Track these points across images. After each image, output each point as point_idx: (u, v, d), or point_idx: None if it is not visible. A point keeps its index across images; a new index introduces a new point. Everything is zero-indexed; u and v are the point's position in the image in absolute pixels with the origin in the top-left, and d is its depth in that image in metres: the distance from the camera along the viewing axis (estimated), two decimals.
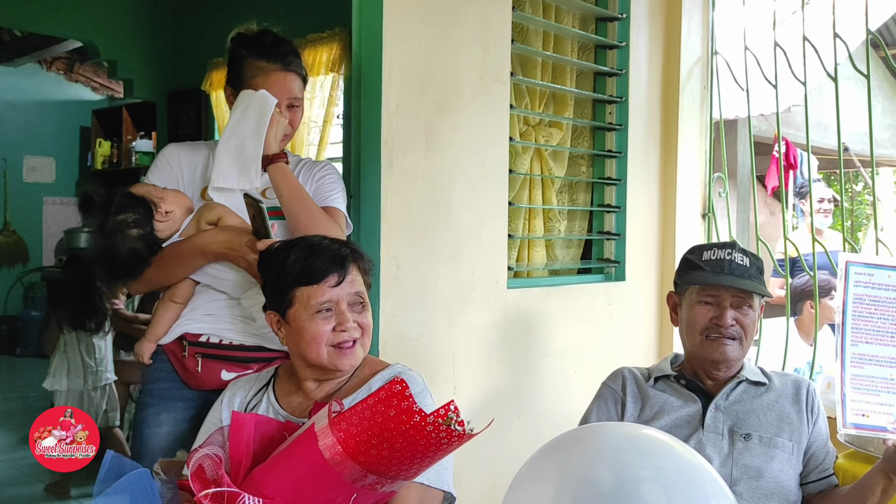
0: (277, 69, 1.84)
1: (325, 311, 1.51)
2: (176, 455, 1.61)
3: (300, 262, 1.52)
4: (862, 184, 9.08)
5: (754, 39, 2.99)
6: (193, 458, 1.41)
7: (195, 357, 1.80)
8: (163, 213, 1.74)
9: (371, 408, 1.17)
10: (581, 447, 0.99)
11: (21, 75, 7.20)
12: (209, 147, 1.95)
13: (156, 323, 1.84)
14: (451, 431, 1.15)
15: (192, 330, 1.82)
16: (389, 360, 2.09)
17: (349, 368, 1.54)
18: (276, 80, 1.83)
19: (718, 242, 2.23)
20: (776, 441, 1.74)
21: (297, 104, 1.88)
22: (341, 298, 1.51)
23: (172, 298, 1.84)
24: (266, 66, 1.83)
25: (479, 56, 2.34)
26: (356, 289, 1.54)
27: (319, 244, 1.55)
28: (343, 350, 1.51)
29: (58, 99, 7.68)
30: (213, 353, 1.80)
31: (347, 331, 1.51)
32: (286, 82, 1.84)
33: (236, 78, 1.87)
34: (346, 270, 1.52)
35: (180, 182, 1.89)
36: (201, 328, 1.82)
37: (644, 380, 1.89)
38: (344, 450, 1.17)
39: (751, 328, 1.80)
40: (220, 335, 1.81)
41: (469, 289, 2.35)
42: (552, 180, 2.78)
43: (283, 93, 1.83)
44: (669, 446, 0.97)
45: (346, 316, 1.51)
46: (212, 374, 1.79)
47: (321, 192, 1.90)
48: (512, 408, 2.51)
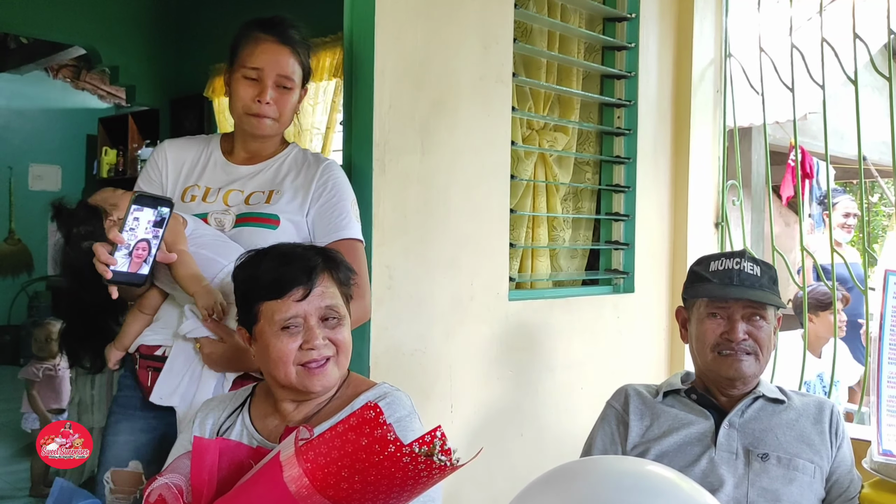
0: (271, 40, 1.72)
1: (291, 328, 1.38)
2: (128, 465, 1.54)
3: (265, 274, 1.40)
4: (878, 194, 8.92)
5: (769, 43, 2.88)
6: (152, 486, 1.29)
7: (146, 370, 1.70)
8: (114, 220, 1.60)
9: (341, 436, 1.04)
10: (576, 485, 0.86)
11: (27, 83, 7.18)
12: (207, 141, 1.86)
13: (123, 331, 1.76)
14: (431, 463, 1.02)
15: (148, 342, 1.72)
16: (381, 375, 1.99)
17: (321, 390, 1.40)
18: (266, 51, 1.71)
19: (727, 252, 2.10)
20: (796, 462, 1.61)
21: (288, 85, 1.74)
22: (309, 313, 1.38)
23: (140, 309, 1.75)
24: (260, 36, 1.73)
25: (479, 55, 2.23)
26: (327, 302, 1.39)
27: (290, 253, 1.43)
28: (311, 370, 1.38)
29: (64, 107, 7.65)
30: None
31: (316, 348, 1.37)
32: (278, 55, 1.72)
33: (232, 54, 1.77)
34: (313, 282, 1.38)
35: (164, 183, 1.80)
36: (157, 340, 1.71)
37: (651, 396, 1.77)
38: (311, 482, 1.04)
39: (766, 342, 1.68)
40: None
41: (468, 300, 2.23)
42: (557, 187, 2.67)
43: (271, 66, 1.71)
44: (676, 485, 0.84)
45: (314, 332, 1.37)
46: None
47: (329, 221, 1.77)
48: (513, 426, 2.39)
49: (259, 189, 1.78)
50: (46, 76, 7.03)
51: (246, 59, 1.72)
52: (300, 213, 1.77)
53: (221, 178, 1.80)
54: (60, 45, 5.76)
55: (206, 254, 1.66)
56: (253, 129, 1.76)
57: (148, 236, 1.50)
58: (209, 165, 1.82)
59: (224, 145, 1.85)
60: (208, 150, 1.84)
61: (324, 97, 4.04)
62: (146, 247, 1.50)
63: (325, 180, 1.79)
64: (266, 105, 1.72)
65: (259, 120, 1.73)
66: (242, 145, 1.82)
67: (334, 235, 1.76)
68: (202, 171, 1.81)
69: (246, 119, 1.75)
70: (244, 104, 1.73)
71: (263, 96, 1.71)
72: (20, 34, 5.87)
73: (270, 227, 1.74)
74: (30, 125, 7.50)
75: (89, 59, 5.39)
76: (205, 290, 1.61)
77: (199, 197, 1.77)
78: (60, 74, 7.03)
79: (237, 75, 1.73)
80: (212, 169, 1.81)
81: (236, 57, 1.75)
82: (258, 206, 1.76)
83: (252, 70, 1.71)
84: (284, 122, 1.78)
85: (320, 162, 1.83)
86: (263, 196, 1.77)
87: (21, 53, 6.45)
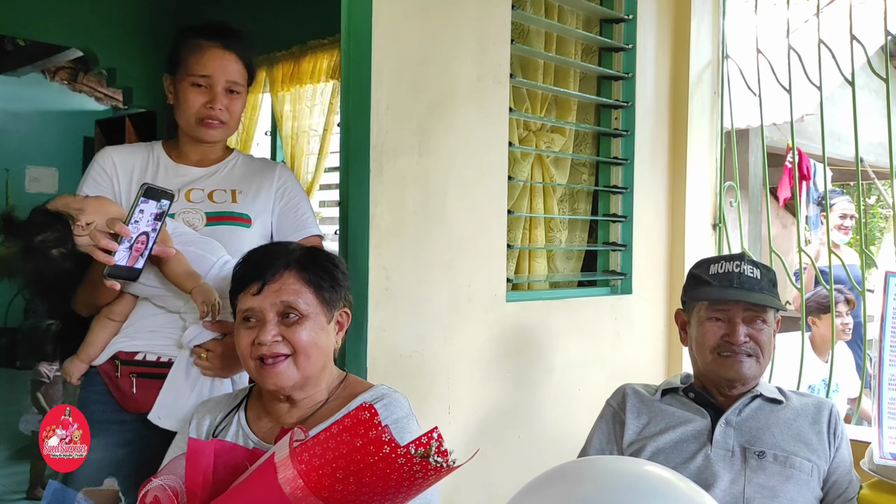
0: (214, 46, 1.74)
1: (250, 321, 1.40)
2: (103, 483, 1.49)
3: (237, 269, 1.44)
4: (875, 196, 8.93)
5: (767, 45, 2.88)
6: (148, 487, 1.28)
7: (129, 377, 1.68)
8: (82, 225, 1.55)
9: (335, 437, 1.03)
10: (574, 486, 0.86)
11: (24, 85, 7.17)
12: (149, 147, 1.85)
13: (89, 342, 1.71)
14: (427, 464, 1.01)
15: (126, 348, 1.69)
16: (378, 377, 1.98)
17: (274, 388, 1.39)
18: (213, 58, 1.73)
19: (726, 255, 2.10)
20: (793, 460, 1.61)
21: (236, 90, 1.77)
22: (265, 308, 1.38)
23: (109, 316, 1.71)
24: (202, 43, 1.74)
25: (476, 56, 2.23)
26: (283, 298, 1.38)
27: (265, 248, 1.47)
28: (264, 366, 1.38)
29: (61, 109, 7.64)
30: (150, 371, 1.68)
31: (265, 343, 1.37)
32: (225, 62, 1.74)
33: (174, 62, 1.77)
34: (266, 277, 1.39)
35: (116, 186, 1.78)
36: (137, 345, 1.69)
37: (650, 395, 1.77)
38: (306, 484, 1.03)
39: (767, 344, 1.68)
40: (159, 352, 1.68)
41: (465, 301, 2.22)
42: (554, 188, 2.66)
43: (220, 73, 1.73)
44: (673, 486, 0.84)
45: (265, 327, 1.37)
46: (150, 396, 1.65)
47: (295, 219, 1.82)
48: (511, 428, 2.38)
49: (220, 187, 1.80)
50: (43, 78, 7.01)
51: (193, 68, 1.73)
52: (265, 213, 1.82)
53: (177, 180, 1.80)
54: (57, 48, 5.74)
55: (195, 251, 1.66)
56: (204, 137, 1.78)
57: (148, 229, 1.50)
58: (160, 169, 1.82)
59: (169, 150, 1.86)
60: (154, 155, 1.84)
61: (321, 99, 4.04)
62: (145, 240, 1.50)
63: (284, 182, 1.86)
64: (219, 111, 1.75)
65: (210, 128, 1.76)
66: (192, 149, 1.83)
67: (302, 233, 1.81)
68: (155, 174, 1.80)
69: (197, 128, 1.77)
70: (196, 111, 1.75)
71: (215, 103, 1.74)
72: (17, 36, 5.85)
73: (244, 226, 1.77)
74: (27, 127, 7.49)
75: (86, 61, 5.36)
76: (202, 286, 1.61)
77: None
78: (57, 76, 7.01)
79: (185, 83, 1.75)
80: (164, 172, 1.81)
81: (180, 64, 1.76)
82: (226, 205, 1.78)
83: (201, 78, 1.74)
84: (232, 127, 1.81)
85: (274, 165, 1.92)
86: (227, 195, 1.79)
87: (18, 55, 6.44)
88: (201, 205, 1.76)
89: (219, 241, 1.72)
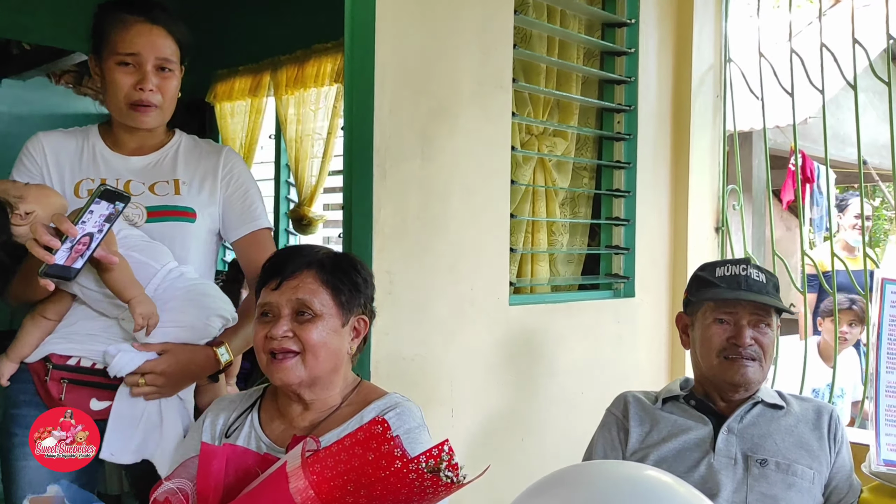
0: (141, 21, 1.59)
1: (266, 316, 1.41)
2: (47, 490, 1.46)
3: (265, 263, 1.45)
4: (880, 199, 8.91)
5: (769, 48, 2.88)
6: (160, 490, 1.29)
7: (59, 382, 1.56)
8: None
9: (348, 450, 1.04)
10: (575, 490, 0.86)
11: (29, 88, 7.17)
12: (84, 133, 1.70)
13: (20, 340, 1.59)
14: (437, 480, 1.02)
15: (60, 350, 1.58)
16: (382, 381, 1.98)
17: (281, 384, 1.40)
18: (139, 34, 1.57)
19: (731, 259, 2.10)
20: (795, 468, 1.61)
21: (169, 67, 1.61)
22: (281, 304, 1.39)
23: (43, 314, 1.59)
24: (127, 18, 1.59)
25: (479, 61, 2.24)
26: (299, 295, 1.39)
27: (294, 247, 1.49)
28: (273, 360, 1.39)
29: (66, 112, 7.63)
30: (81, 378, 1.57)
31: (276, 339, 1.37)
32: (153, 37, 1.59)
33: (97, 40, 1.62)
34: (285, 274, 1.40)
35: (46, 176, 1.64)
36: (72, 349, 1.58)
37: (651, 402, 1.77)
38: (317, 495, 1.04)
39: (770, 348, 1.68)
40: (94, 358, 1.57)
41: (468, 305, 2.23)
42: (556, 192, 2.67)
43: (148, 49, 1.58)
44: (674, 491, 0.84)
45: (278, 322, 1.38)
46: (78, 403, 1.53)
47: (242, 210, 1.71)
48: (514, 431, 2.39)
49: (162, 179, 1.68)
50: (49, 82, 7.02)
51: (118, 45, 1.58)
52: (212, 204, 1.71)
53: (114, 170, 1.67)
54: (63, 51, 5.76)
55: (138, 257, 1.57)
56: (137, 124, 1.64)
57: (94, 230, 1.41)
58: (97, 157, 1.68)
59: (105, 137, 1.71)
60: (89, 143, 1.69)
61: (325, 102, 4.05)
62: (87, 241, 1.41)
63: (230, 169, 1.74)
64: (150, 92, 1.60)
65: (143, 113, 1.62)
66: (128, 136, 1.69)
67: (249, 226, 1.72)
68: (90, 164, 1.67)
69: (128, 113, 1.62)
70: (125, 93, 1.60)
71: (145, 83, 1.59)
72: (22, 40, 5.87)
73: (188, 220, 1.68)
74: (32, 131, 7.38)
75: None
76: (143, 296, 1.52)
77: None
78: (63, 80, 7.03)
79: (110, 63, 1.60)
80: (101, 161, 1.68)
81: (104, 42, 1.61)
82: (169, 199, 1.66)
83: (128, 56, 1.59)
84: (168, 109, 1.66)
85: (219, 150, 1.76)
86: (170, 186, 1.68)
87: (24, 59, 6.46)
88: (141, 198, 1.64)
89: (161, 238, 1.63)
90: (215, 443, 1.45)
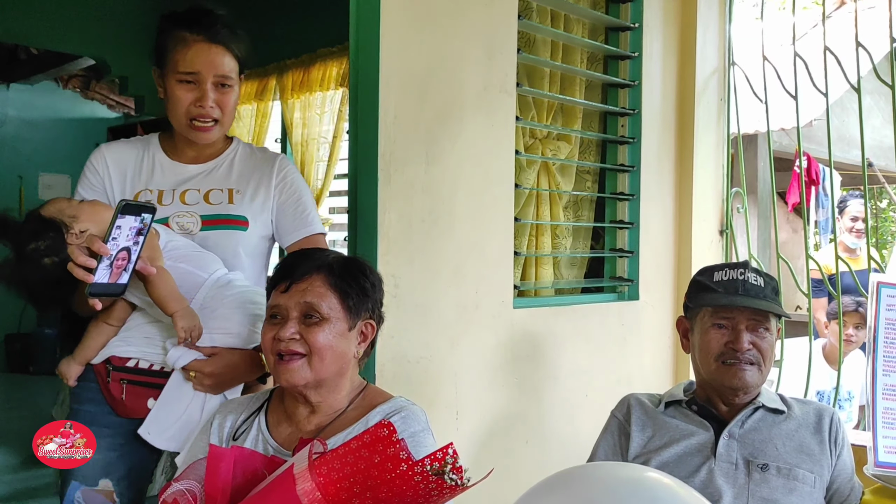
0: (200, 40, 1.64)
1: (275, 318, 1.43)
2: (98, 484, 1.49)
3: (277, 266, 1.47)
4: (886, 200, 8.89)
5: (773, 51, 2.89)
6: (168, 491, 1.31)
7: (119, 383, 1.64)
8: (76, 233, 1.49)
9: (354, 452, 1.06)
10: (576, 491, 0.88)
11: (37, 93, 7.24)
12: (145, 142, 1.77)
13: (85, 344, 1.68)
14: (442, 483, 1.04)
15: (119, 353, 1.66)
16: (387, 383, 2.00)
17: (287, 385, 1.42)
18: (199, 53, 1.63)
19: (730, 263, 2.12)
20: (796, 472, 1.62)
21: (227, 83, 1.68)
22: (289, 306, 1.41)
23: (106, 320, 1.67)
24: (187, 37, 1.64)
25: (483, 65, 2.26)
26: (307, 298, 1.41)
27: (305, 251, 1.51)
28: (280, 361, 1.41)
29: (74, 116, 7.70)
30: (140, 379, 1.65)
31: (283, 340, 1.39)
32: (212, 56, 1.64)
33: (159, 55, 1.68)
34: (295, 277, 1.42)
35: (108, 187, 1.72)
36: (131, 352, 1.66)
37: (654, 406, 1.78)
38: (323, 496, 1.06)
39: (769, 352, 1.68)
40: (151, 360, 1.65)
41: (472, 308, 2.25)
42: (559, 195, 2.68)
43: (207, 67, 1.64)
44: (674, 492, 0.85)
45: (286, 324, 1.40)
46: (138, 403, 1.63)
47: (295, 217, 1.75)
48: (518, 433, 2.40)
49: (217, 187, 1.74)
50: (56, 86, 7.09)
51: (179, 63, 1.64)
52: (264, 211, 1.75)
53: (172, 179, 1.73)
54: (70, 56, 5.80)
55: (185, 267, 1.62)
56: (196, 140, 1.71)
57: (129, 244, 1.45)
58: (156, 167, 1.74)
59: (165, 145, 1.78)
60: (149, 152, 1.76)
61: (331, 106, 4.07)
62: (126, 256, 1.45)
63: (283, 177, 1.78)
64: (209, 108, 1.66)
65: (202, 130, 1.69)
66: (187, 145, 1.76)
67: (301, 232, 1.75)
68: (150, 174, 1.74)
69: (188, 130, 1.69)
70: (185, 109, 1.67)
71: (204, 101, 1.65)
72: (30, 45, 5.92)
73: (241, 229, 1.72)
74: (40, 135, 7.54)
75: (98, 69, 5.43)
76: (186, 310, 1.57)
77: (154, 200, 1.70)
78: (70, 84, 7.09)
79: (171, 79, 1.66)
80: (160, 170, 1.74)
81: (166, 60, 1.67)
82: (222, 207, 1.71)
83: (188, 75, 1.65)
84: (227, 122, 1.72)
85: (273, 158, 1.81)
86: (224, 195, 1.73)
87: (31, 64, 6.51)
88: (196, 207, 1.70)
89: (214, 246, 1.68)
90: (223, 445, 1.46)
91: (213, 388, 1.63)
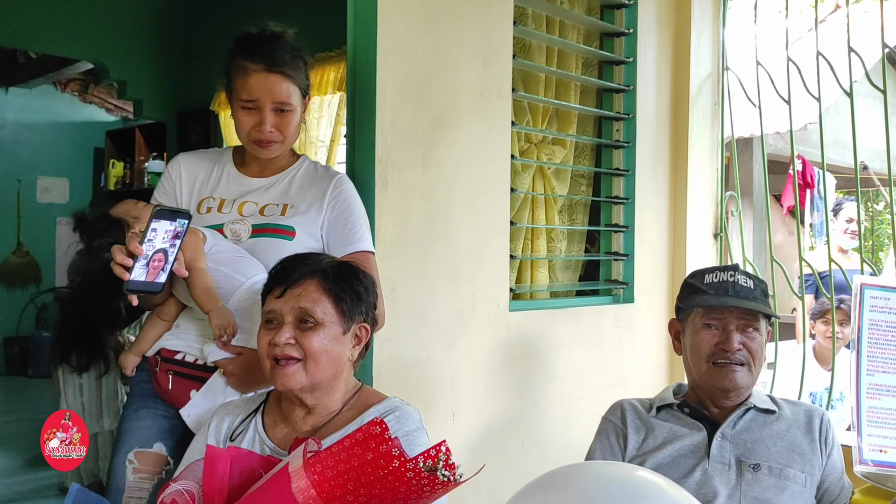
0: (259, 70, 1.72)
1: (271, 322, 1.45)
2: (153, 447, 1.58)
3: (271, 271, 1.50)
4: (883, 203, 8.92)
5: (767, 56, 2.91)
6: (167, 491, 1.34)
7: (167, 374, 1.75)
8: (136, 233, 1.58)
9: (347, 450, 1.08)
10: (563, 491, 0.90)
11: (36, 96, 7.26)
12: (220, 154, 1.90)
13: (141, 338, 1.81)
14: (434, 478, 1.06)
15: (169, 346, 1.77)
16: (384, 386, 2.02)
17: (283, 388, 1.44)
18: (258, 82, 1.71)
19: (721, 266, 2.14)
20: (787, 472, 1.64)
21: (286, 109, 1.75)
22: (284, 311, 1.43)
23: (160, 315, 1.80)
24: (248, 66, 1.73)
25: (479, 71, 2.28)
26: (302, 304, 1.43)
27: (298, 256, 1.52)
28: (276, 366, 1.43)
29: (72, 120, 7.72)
30: (185, 371, 1.74)
31: (279, 345, 1.42)
32: (269, 84, 1.72)
33: (227, 81, 1.78)
34: (289, 282, 1.45)
35: (178, 194, 1.85)
36: (179, 345, 1.76)
37: (646, 410, 1.80)
38: (318, 494, 1.08)
39: (758, 353, 1.71)
40: (196, 355, 1.74)
41: (469, 311, 2.27)
42: (555, 199, 2.71)
43: (265, 95, 1.72)
44: (663, 490, 0.87)
45: (282, 330, 1.43)
46: (182, 393, 1.73)
47: (343, 233, 1.81)
48: (514, 435, 2.42)
49: (273, 202, 1.82)
50: (55, 90, 7.10)
51: (240, 91, 1.73)
52: (314, 225, 1.81)
53: (235, 190, 1.84)
54: (68, 60, 5.83)
55: (224, 270, 1.70)
56: (260, 155, 1.81)
57: (165, 246, 1.52)
58: (223, 178, 1.86)
59: (236, 158, 1.90)
60: (221, 164, 1.88)
61: (328, 110, 4.08)
62: (163, 257, 1.52)
63: (337, 194, 1.83)
64: (269, 133, 1.74)
65: (264, 147, 1.77)
66: (252, 160, 1.86)
67: (347, 248, 1.80)
68: (216, 184, 1.85)
69: (251, 146, 1.79)
70: (247, 132, 1.76)
71: (263, 126, 1.73)
72: (29, 49, 5.94)
73: (287, 238, 1.78)
74: (38, 138, 7.56)
75: (97, 73, 5.45)
76: (220, 309, 1.66)
77: (215, 208, 1.81)
78: (68, 88, 7.10)
79: (236, 105, 1.76)
80: (226, 181, 1.86)
81: (231, 86, 1.77)
82: (274, 218, 1.79)
83: (248, 102, 1.73)
84: (290, 141, 1.81)
85: (332, 176, 1.87)
86: (278, 209, 1.81)
87: (30, 68, 6.53)
88: (251, 218, 1.79)
89: (259, 252, 1.75)
90: (220, 446, 1.48)
91: (237, 385, 1.71)
